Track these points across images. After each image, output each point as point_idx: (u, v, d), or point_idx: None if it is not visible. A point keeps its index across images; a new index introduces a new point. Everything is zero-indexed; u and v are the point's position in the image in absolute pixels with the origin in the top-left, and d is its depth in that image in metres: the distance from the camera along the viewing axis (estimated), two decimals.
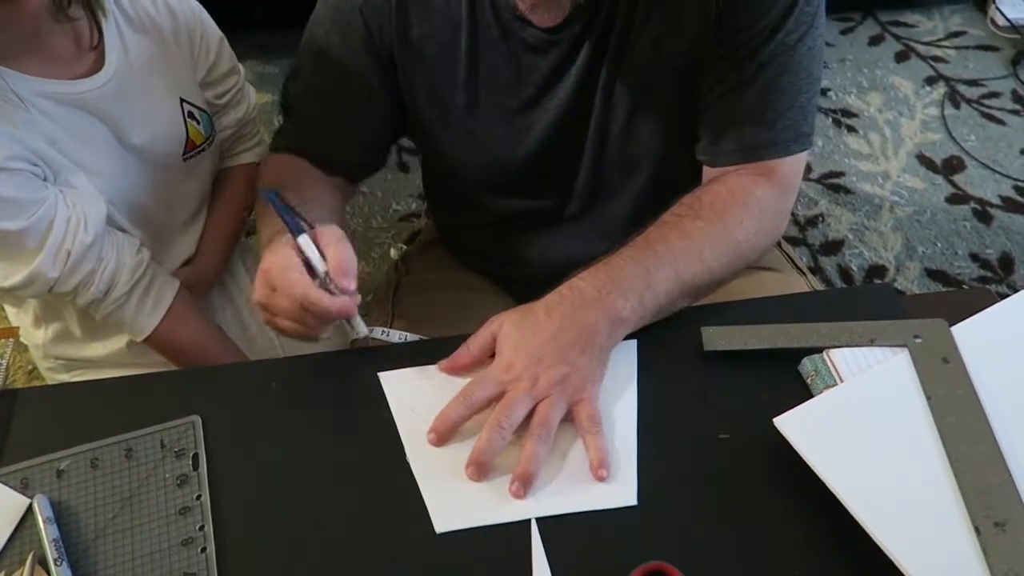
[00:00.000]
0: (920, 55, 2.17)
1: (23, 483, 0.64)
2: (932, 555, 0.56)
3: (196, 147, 0.95)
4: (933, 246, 1.69)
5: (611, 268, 0.72)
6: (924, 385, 0.65)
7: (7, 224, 0.78)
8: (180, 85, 0.92)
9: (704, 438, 0.66)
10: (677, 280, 0.73)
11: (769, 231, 0.80)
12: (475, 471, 0.63)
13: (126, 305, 0.89)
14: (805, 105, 0.79)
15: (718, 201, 0.79)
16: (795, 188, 0.83)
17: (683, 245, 0.75)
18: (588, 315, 0.69)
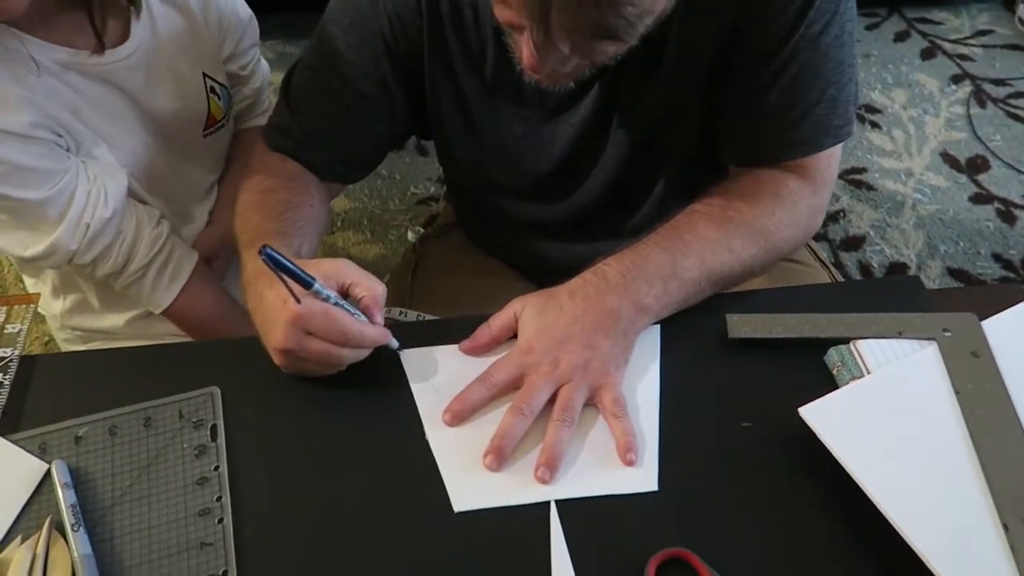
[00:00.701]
0: (946, 53, 2.14)
1: (41, 448, 0.64)
2: (958, 550, 0.55)
3: (216, 123, 0.95)
4: (955, 245, 1.67)
5: (637, 254, 0.72)
6: (953, 379, 0.64)
7: (29, 193, 0.78)
8: (204, 60, 0.92)
9: (727, 426, 0.65)
10: (704, 269, 0.72)
11: (801, 224, 0.79)
12: (494, 460, 0.62)
13: (144, 278, 0.89)
14: (836, 97, 0.76)
15: (749, 191, 0.77)
16: (830, 182, 0.80)
17: (712, 234, 0.73)
18: (611, 299, 0.68)
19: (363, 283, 0.67)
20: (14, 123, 0.75)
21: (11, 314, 0.74)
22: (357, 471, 0.63)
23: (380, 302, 0.67)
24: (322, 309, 0.64)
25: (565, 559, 0.58)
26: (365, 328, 0.65)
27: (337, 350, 0.65)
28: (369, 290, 0.67)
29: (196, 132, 0.94)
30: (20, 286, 1.63)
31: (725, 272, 0.73)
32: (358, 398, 0.68)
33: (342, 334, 0.64)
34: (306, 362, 0.66)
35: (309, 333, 0.64)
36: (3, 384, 0.68)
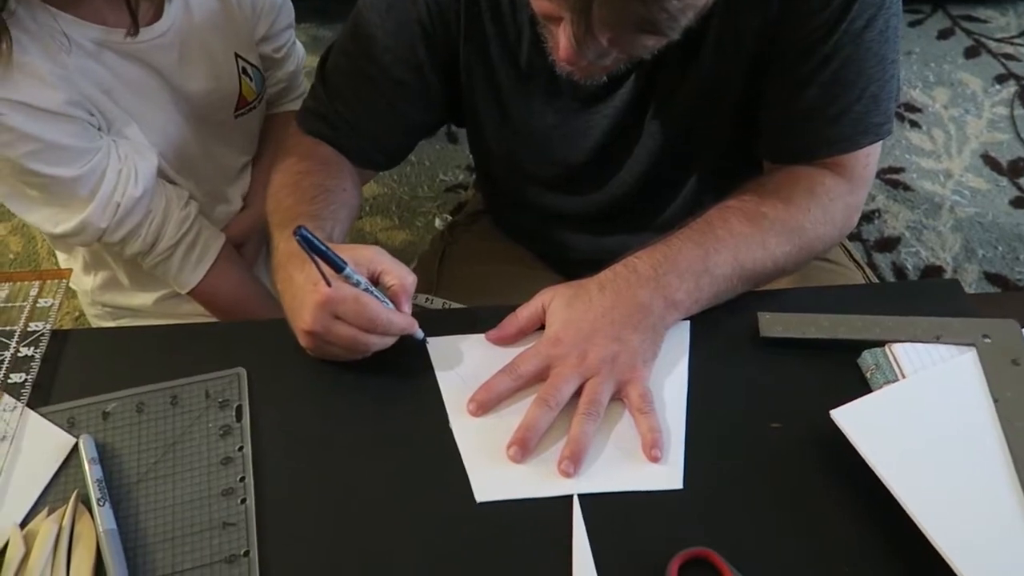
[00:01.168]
0: (991, 52, 2.09)
1: (70, 422, 0.65)
2: (990, 562, 0.54)
3: (247, 104, 0.95)
4: (993, 249, 1.64)
5: (669, 248, 0.71)
6: (991, 387, 0.63)
7: (61, 171, 0.78)
8: (237, 41, 0.92)
9: (755, 426, 0.64)
10: (736, 265, 0.71)
11: (837, 222, 0.77)
12: (518, 451, 0.62)
13: (171, 258, 0.89)
14: (877, 93, 0.74)
15: (784, 188, 0.76)
16: (867, 180, 0.79)
17: (745, 230, 0.72)
18: (642, 293, 0.68)
19: (394, 271, 0.67)
20: (48, 100, 0.75)
21: (43, 288, 0.75)
22: (380, 456, 0.63)
23: (409, 291, 0.67)
24: (352, 294, 0.63)
25: (586, 554, 0.57)
26: (393, 316, 0.65)
27: (364, 336, 0.64)
28: (399, 279, 0.66)
29: (228, 113, 0.94)
30: (53, 260, 1.66)
31: (758, 269, 0.72)
32: (383, 384, 0.68)
33: (370, 320, 0.64)
34: (332, 346, 0.66)
35: (337, 317, 0.64)
36: (34, 358, 0.69)
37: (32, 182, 0.80)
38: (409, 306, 0.67)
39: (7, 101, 0.72)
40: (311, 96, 0.86)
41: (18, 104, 0.73)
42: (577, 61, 0.64)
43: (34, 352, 0.69)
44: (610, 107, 0.80)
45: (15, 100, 0.73)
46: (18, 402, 0.66)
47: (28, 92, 0.74)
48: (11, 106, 0.73)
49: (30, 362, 0.69)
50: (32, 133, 0.75)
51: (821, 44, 0.71)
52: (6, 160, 0.76)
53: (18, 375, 0.68)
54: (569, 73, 0.69)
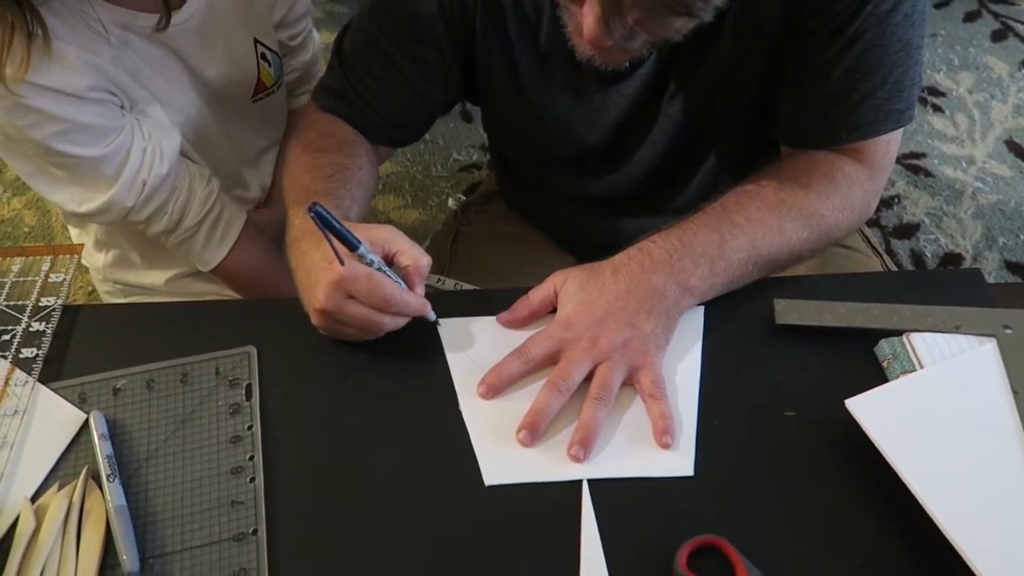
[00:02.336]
0: (1019, 35, 2.05)
1: (80, 398, 0.65)
2: (1006, 556, 0.53)
3: (266, 89, 0.95)
4: (1015, 238, 1.61)
5: (684, 232, 0.69)
6: (1012, 378, 0.61)
7: (86, 150, 0.78)
8: (256, 26, 0.91)
9: (769, 414, 0.63)
10: (753, 251, 0.70)
11: (856, 209, 0.76)
12: (528, 435, 0.61)
13: (196, 236, 0.89)
14: (900, 80, 0.72)
15: (802, 173, 0.74)
16: (887, 168, 0.77)
17: (763, 216, 0.71)
18: (656, 278, 0.67)
19: (408, 252, 0.66)
20: (71, 84, 0.75)
21: (56, 263, 0.75)
22: (389, 437, 0.63)
23: (424, 272, 0.66)
24: (365, 273, 0.63)
25: (595, 540, 0.57)
26: (407, 296, 0.65)
27: (376, 316, 0.64)
28: (414, 259, 0.66)
29: (245, 97, 0.93)
30: (67, 235, 1.66)
31: (774, 255, 0.71)
32: (394, 364, 0.68)
33: (384, 300, 0.63)
34: (344, 325, 0.65)
35: (350, 296, 0.63)
36: (45, 333, 0.69)
37: (58, 162, 0.79)
38: (422, 287, 0.67)
39: (31, 84, 0.72)
40: (328, 74, 0.85)
41: (41, 87, 0.73)
42: (602, 43, 0.62)
43: (46, 327, 0.70)
44: (629, 87, 0.79)
45: (39, 84, 0.73)
46: (29, 377, 0.66)
47: (52, 77, 0.73)
48: (35, 89, 0.73)
49: (41, 337, 0.69)
50: (57, 114, 0.75)
51: (845, 27, 0.70)
52: (32, 141, 0.76)
53: (29, 350, 0.68)
54: (591, 58, 0.68)
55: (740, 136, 0.82)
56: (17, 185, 1.78)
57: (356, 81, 0.81)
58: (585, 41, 0.64)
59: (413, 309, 0.65)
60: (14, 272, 0.74)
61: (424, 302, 0.66)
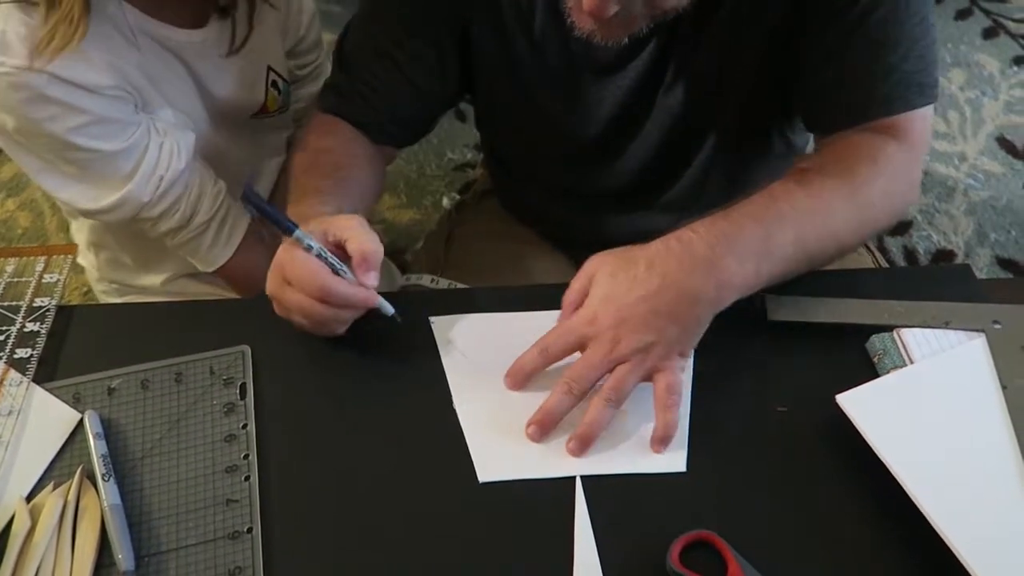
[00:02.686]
0: (1010, 33, 2.05)
1: (75, 398, 0.65)
2: (995, 549, 0.53)
3: (268, 112, 0.95)
4: (1007, 234, 1.62)
5: (730, 224, 0.64)
6: (1000, 373, 0.62)
7: (106, 144, 0.77)
8: (270, 53, 0.91)
9: (761, 410, 0.64)
10: (799, 245, 0.66)
11: (901, 193, 0.72)
12: (536, 430, 0.61)
13: (205, 234, 0.89)
14: (923, 54, 0.69)
15: (844, 158, 0.70)
16: (924, 148, 0.73)
17: (810, 204, 0.67)
18: (695, 279, 0.62)
19: (355, 238, 0.63)
20: (93, 82, 0.74)
21: (49, 264, 0.75)
22: (383, 434, 0.63)
23: (370, 260, 0.63)
24: (300, 258, 0.61)
25: (588, 536, 0.57)
26: (344, 286, 0.62)
27: (316, 305, 0.62)
28: (359, 244, 0.62)
29: (244, 115, 0.94)
30: (61, 236, 1.66)
31: (820, 249, 0.68)
32: (388, 362, 0.68)
33: (319, 288, 0.61)
34: (292, 314, 0.64)
35: (288, 283, 0.62)
36: (39, 333, 0.69)
37: (73, 157, 0.78)
38: (372, 278, 0.63)
39: (53, 76, 0.71)
40: (332, 74, 0.85)
41: (64, 81, 0.72)
42: (604, 11, 0.61)
43: (40, 327, 0.70)
44: (624, 79, 0.78)
45: (62, 77, 0.72)
46: (24, 377, 0.66)
47: (77, 73, 0.73)
48: (57, 82, 0.72)
49: (36, 337, 0.69)
50: (79, 106, 0.74)
51: (854, 3, 0.68)
52: (48, 135, 0.75)
53: (24, 350, 0.68)
54: (591, 34, 0.67)
55: (733, 131, 0.82)
56: (11, 186, 1.77)
57: (357, 81, 0.82)
58: (585, 13, 0.63)
59: (354, 300, 0.63)
60: (8, 273, 0.74)
61: (368, 294, 0.63)
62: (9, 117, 0.73)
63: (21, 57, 0.69)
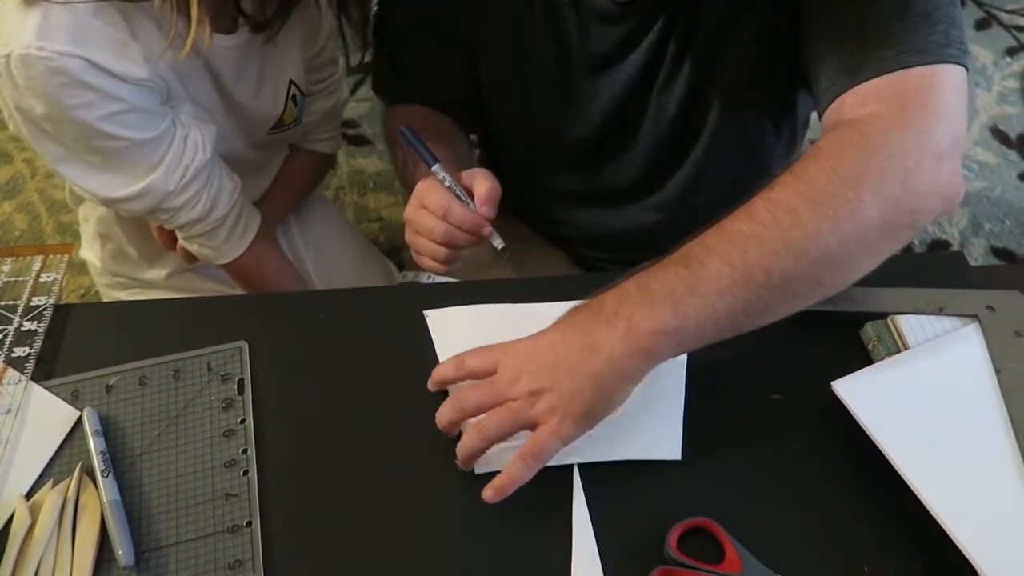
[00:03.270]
0: (1002, 24, 2.06)
1: (73, 395, 0.65)
2: (992, 532, 0.54)
3: (283, 125, 0.95)
4: (1001, 224, 1.62)
5: (647, 272, 0.59)
6: (994, 358, 0.62)
7: (137, 133, 0.77)
8: (293, 66, 0.92)
9: (756, 398, 0.64)
10: (736, 273, 0.56)
11: (890, 174, 0.57)
12: (461, 465, 0.60)
13: (221, 227, 0.89)
14: (928, 12, 0.61)
15: (800, 161, 0.60)
16: (936, 111, 0.59)
17: (743, 227, 0.57)
18: (599, 332, 0.57)
19: (479, 179, 0.69)
20: (129, 73, 0.74)
21: (46, 263, 0.75)
22: (381, 428, 0.64)
23: (487, 196, 0.68)
24: (435, 187, 0.68)
25: (586, 524, 0.57)
26: (461, 209, 0.67)
27: (440, 224, 0.67)
28: (480, 184, 0.69)
29: (262, 130, 0.94)
30: (58, 239, 1.66)
31: (774, 267, 0.56)
32: (385, 357, 0.68)
33: (443, 208, 0.67)
34: (421, 239, 0.69)
35: (424, 206, 0.68)
36: (37, 332, 0.69)
37: (101, 145, 0.78)
38: (489, 210, 0.68)
39: (92, 64, 0.71)
40: (385, 79, 0.91)
41: (102, 69, 0.72)
42: None
43: (37, 326, 0.70)
44: (620, 72, 0.78)
45: (100, 64, 0.72)
46: (22, 376, 0.66)
47: (115, 63, 0.73)
48: (94, 68, 0.72)
49: (33, 336, 0.69)
50: (113, 94, 0.74)
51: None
52: (79, 122, 0.74)
53: (22, 349, 0.68)
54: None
55: (728, 127, 0.82)
56: (8, 189, 1.77)
57: (411, 77, 0.87)
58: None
59: (468, 223, 0.67)
60: (5, 272, 0.74)
61: (479, 219, 0.67)
62: (39, 103, 0.72)
63: (62, 43, 0.69)
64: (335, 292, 0.77)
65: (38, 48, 0.68)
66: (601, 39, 0.77)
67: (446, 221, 0.67)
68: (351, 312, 0.71)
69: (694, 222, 0.77)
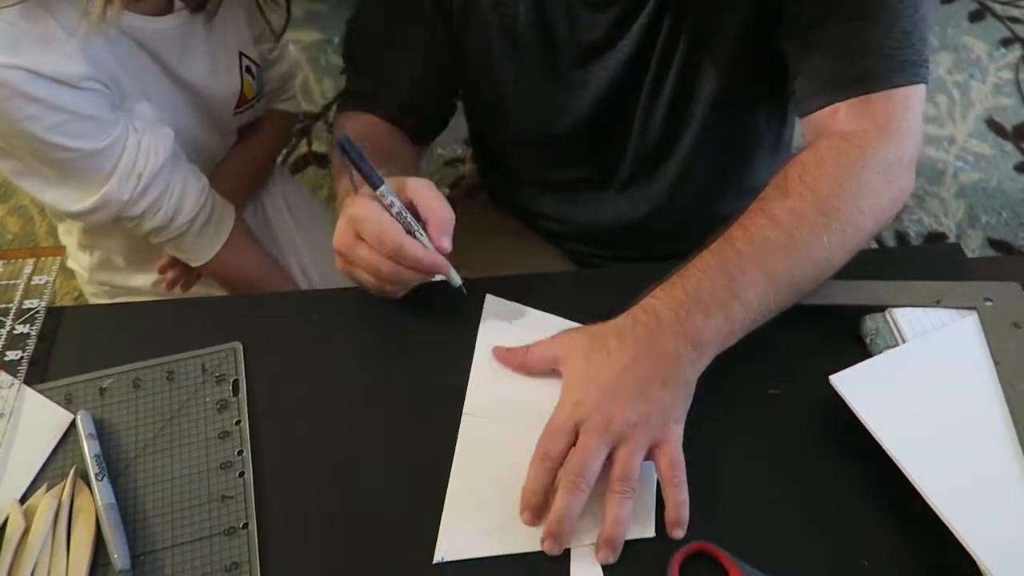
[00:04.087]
0: (996, 15, 2.06)
1: (67, 398, 0.65)
2: (992, 524, 0.53)
3: (247, 102, 0.94)
4: (997, 215, 1.62)
5: (688, 281, 0.62)
6: (992, 350, 0.62)
7: (86, 143, 0.76)
8: (240, 39, 0.91)
9: (753, 393, 0.64)
10: (771, 280, 0.62)
11: (879, 191, 0.65)
12: (552, 543, 0.55)
13: (188, 232, 0.88)
14: (909, 31, 0.66)
15: (807, 171, 0.66)
16: (911, 130, 0.68)
17: (769, 233, 0.62)
18: (667, 341, 0.60)
19: (429, 204, 0.62)
20: (69, 73, 0.73)
21: (38, 266, 0.75)
22: (377, 430, 0.63)
23: (443, 227, 0.62)
24: (375, 213, 0.60)
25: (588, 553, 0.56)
26: (418, 248, 0.61)
27: (386, 263, 0.60)
28: (432, 211, 0.62)
29: (227, 110, 0.93)
30: (51, 241, 1.66)
31: (796, 274, 0.63)
32: (381, 356, 0.68)
33: (388, 246, 0.60)
34: (359, 271, 0.62)
35: (359, 238, 0.61)
36: (30, 335, 0.69)
37: (52, 158, 0.77)
38: (447, 242, 0.62)
39: (30, 72, 0.70)
40: (347, 79, 0.87)
41: (40, 75, 0.71)
42: None
43: (30, 329, 0.69)
44: (610, 60, 0.78)
45: (41, 73, 0.71)
46: (15, 379, 0.66)
47: (51, 64, 0.71)
48: (34, 77, 0.71)
49: (26, 339, 0.68)
50: (57, 104, 0.73)
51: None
52: (27, 135, 0.74)
53: (14, 352, 0.67)
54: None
55: (719, 119, 0.81)
56: (0, 192, 1.76)
57: (372, 80, 0.83)
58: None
59: (425, 263, 0.61)
60: None
61: (438, 259, 0.62)
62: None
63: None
64: (329, 292, 0.76)
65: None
66: (590, 27, 0.76)
67: (397, 262, 0.60)
68: (345, 312, 0.71)
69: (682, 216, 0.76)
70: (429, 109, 0.87)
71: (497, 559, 0.56)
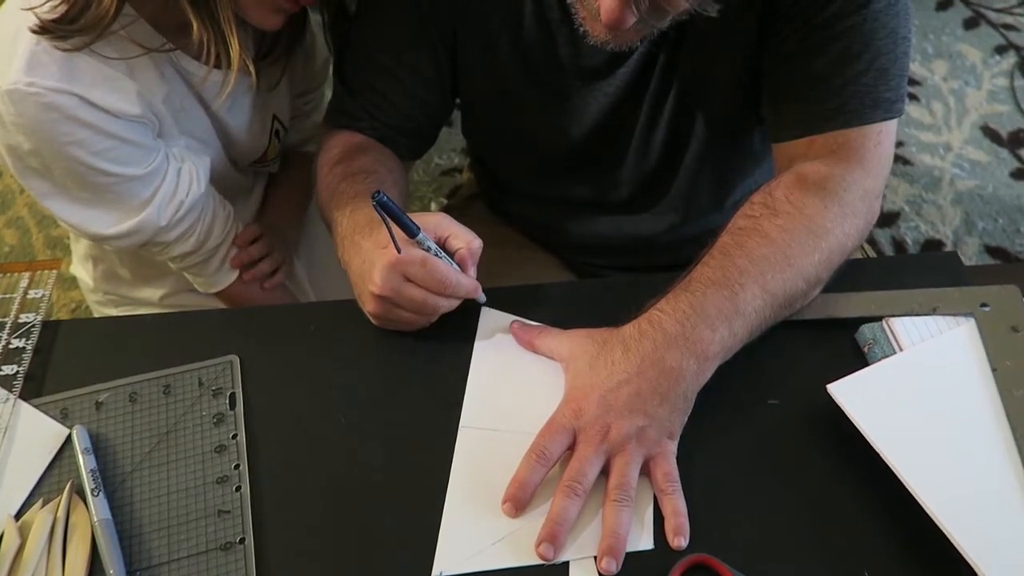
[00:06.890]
0: (991, 22, 2.06)
1: (63, 413, 0.65)
2: (990, 533, 0.53)
3: (265, 161, 0.95)
4: (994, 222, 1.62)
5: (693, 295, 0.64)
6: (990, 356, 0.62)
7: (129, 169, 0.76)
8: (278, 102, 0.91)
9: (753, 403, 0.64)
10: (767, 295, 0.64)
11: (859, 213, 0.69)
12: (548, 547, 0.56)
13: (214, 257, 0.89)
14: (887, 68, 0.69)
15: (793, 192, 0.69)
16: (881, 163, 0.71)
17: (766, 251, 0.65)
18: (671, 356, 0.61)
19: (461, 236, 0.68)
20: (121, 109, 0.73)
21: (34, 279, 0.75)
22: (375, 443, 0.63)
23: (476, 255, 0.67)
24: (420, 256, 0.64)
25: (589, 567, 0.56)
26: (461, 278, 0.66)
27: (433, 298, 0.65)
28: (466, 243, 0.67)
29: (247, 161, 0.94)
30: (48, 254, 1.65)
31: (789, 291, 0.65)
32: (378, 368, 0.68)
33: (439, 282, 0.64)
34: (400, 310, 0.66)
35: (407, 280, 0.64)
36: (25, 349, 0.69)
37: (92, 181, 0.76)
38: (474, 269, 0.68)
39: (84, 100, 0.70)
40: (336, 96, 0.86)
41: (94, 105, 0.71)
42: (624, 22, 0.61)
43: (25, 343, 0.69)
44: (612, 84, 0.78)
45: (92, 101, 0.71)
46: (10, 394, 0.65)
47: (107, 99, 0.72)
48: (86, 105, 0.71)
49: (21, 353, 0.68)
50: (105, 130, 0.73)
51: (821, 16, 0.68)
52: (71, 159, 0.73)
53: (10, 367, 0.67)
54: (604, 42, 0.67)
55: (719, 135, 0.81)
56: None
57: (362, 99, 0.82)
58: (603, 24, 0.62)
59: (467, 291, 0.66)
60: None
61: (476, 284, 0.67)
62: (27, 139, 0.71)
63: (53, 78, 0.68)
64: (326, 304, 0.76)
65: (27, 84, 0.67)
66: (591, 53, 0.77)
67: (443, 294, 0.65)
68: (342, 324, 0.71)
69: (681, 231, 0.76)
70: (422, 132, 0.87)
71: (495, 573, 0.56)
